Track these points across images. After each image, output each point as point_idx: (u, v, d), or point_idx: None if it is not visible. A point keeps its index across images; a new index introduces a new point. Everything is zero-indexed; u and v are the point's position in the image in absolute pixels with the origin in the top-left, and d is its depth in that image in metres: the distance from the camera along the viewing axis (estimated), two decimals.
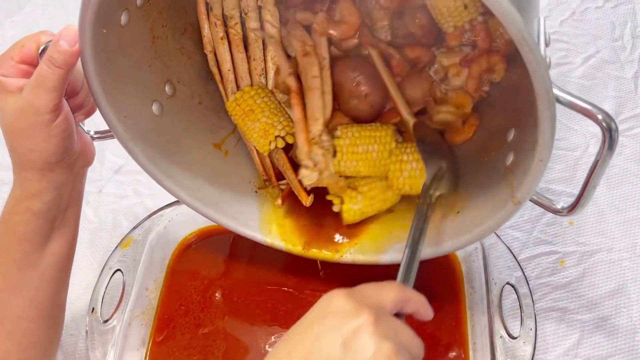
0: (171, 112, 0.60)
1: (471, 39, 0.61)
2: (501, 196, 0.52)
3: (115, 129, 0.54)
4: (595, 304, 0.70)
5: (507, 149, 0.54)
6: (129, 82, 0.54)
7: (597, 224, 0.76)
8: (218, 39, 0.64)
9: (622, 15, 0.97)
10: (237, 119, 0.64)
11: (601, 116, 0.43)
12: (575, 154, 0.82)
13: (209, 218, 0.63)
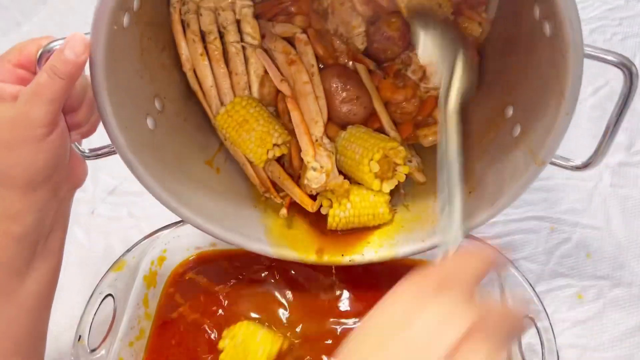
0: (163, 128, 0.58)
1: None
2: (519, 163, 0.53)
3: (117, 140, 0.51)
4: (616, 341, 0.66)
5: (511, 124, 0.56)
6: (127, 92, 0.52)
7: (616, 257, 0.73)
8: (197, 55, 0.62)
9: (630, 48, 0.96)
10: (229, 131, 0.62)
11: (627, 64, 0.48)
12: (589, 184, 0.80)
13: (214, 236, 0.60)
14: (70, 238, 0.78)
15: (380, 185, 0.61)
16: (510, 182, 0.54)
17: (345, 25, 0.65)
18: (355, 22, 0.65)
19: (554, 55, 0.47)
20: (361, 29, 0.65)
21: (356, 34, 0.65)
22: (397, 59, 0.67)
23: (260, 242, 0.62)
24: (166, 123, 0.59)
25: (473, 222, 0.57)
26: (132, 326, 0.65)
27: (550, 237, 0.75)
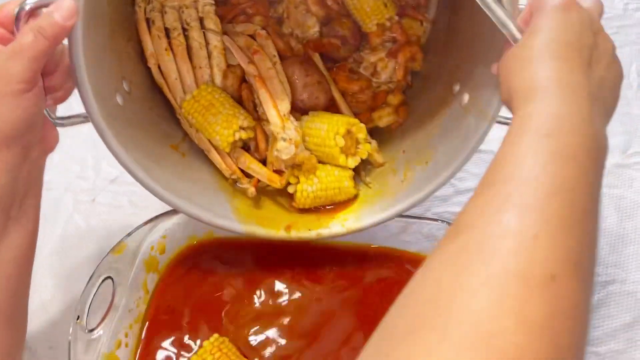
0: (130, 109, 0.60)
1: (390, 35, 0.72)
2: (471, 125, 0.59)
3: (91, 106, 0.52)
4: (610, 336, 0.67)
5: (459, 96, 0.62)
6: (100, 64, 0.54)
7: (610, 255, 0.74)
8: (162, 50, 0.65)
9: (627, 56, 0.98)
10: (195, 115, 0.64)
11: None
12: None
13: (183, 211, 0.62)
14: (70, 224, 0.80)
15: (346, 160, 0.64)
16: (464, 143, 0.59)
17: (301, 27, 0.71)
18: (310, 22, 0.71)
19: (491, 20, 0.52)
20: (316, 29, 0.71)
21: (312, 33, 0.71)
22: (350, 58, 0.74)
23: (229, 220, 0.63)
24: (133, 105, 0.61)
25: (436, 182, 0.62)
26: (131, 308, 0.65)
27: None
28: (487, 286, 0.31)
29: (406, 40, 0.72)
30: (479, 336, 0.29)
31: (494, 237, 0.34)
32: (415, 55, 0.73)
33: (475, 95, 0.60)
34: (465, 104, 0.61)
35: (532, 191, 0.35)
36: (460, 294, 0.32)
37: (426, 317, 0.32)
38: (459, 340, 0.30)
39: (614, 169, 0.82)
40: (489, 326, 0.30)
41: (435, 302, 0.33)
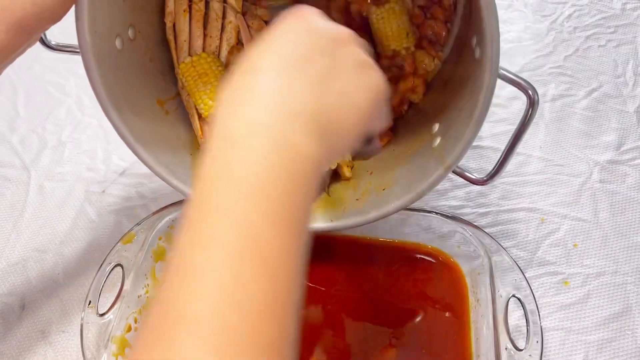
0: (128, 55, 0.62)
1: (400, 63, 0.73)
2: (431, 166, 0.60)
3: (84, 39, 0.54)
4: (600, 325, 0.69)
5: (433, 137, 0.63)
6: (107, 3, 0.56)
7: (602, 248, 0.76)
8: (181, 10, 0.69)
9: (624, 54, 1.00)
10: (188, 79, 0.67)
11: (530, 91, 0.53)
12: (579, 179, 0.83)
13: (148, 166, 0.63)
14: (81, 214, 0.83)
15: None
16: (417, 184, 0.61)
17: None
18: None
19: (477, 74, 0.54)
20: None
21: None
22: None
23: (185, 184, 0.64)
24: (132, 53, 0.64)
25: (381, 211, 0.63)
26: (139, 294, 0.68)
27: (540, 227, 0.78)
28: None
29: (412, 72, 0.73)
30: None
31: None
32: (417, 87, 0.74)
33: (444, 141, 0.61)
34: (435, 146, 0.62)
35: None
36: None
37: None
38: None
39: (608, 164, 0.84)
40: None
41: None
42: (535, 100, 0.53)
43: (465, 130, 0.55)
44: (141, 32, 0.65)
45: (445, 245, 0.72)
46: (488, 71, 0.51)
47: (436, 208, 0.79)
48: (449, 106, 0.64)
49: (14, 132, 0.92)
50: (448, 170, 0.58)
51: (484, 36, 0.50)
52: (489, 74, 0.51)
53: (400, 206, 0.62)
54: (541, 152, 0.87)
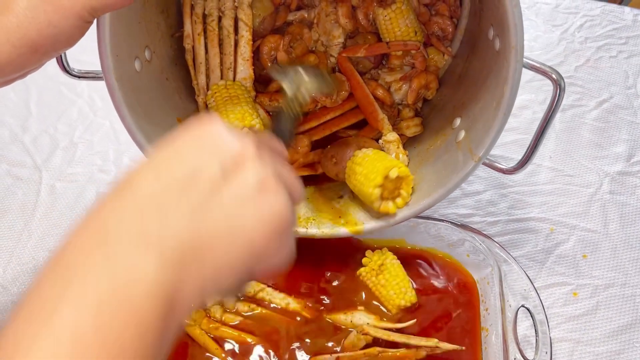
0: (147, 76, 0.64)
1: (410, 61, 0.75)
2: (459, 161, 0.61)
3: (107, 63, 0.55)
4: (609, 337, 0.69)
5: (456, 131, 0.65)
6: (125, 29, 0.57)
7: (611, 259, 0.76)
8: (196, 34, 0.72)
9: (635, 66, 1.00)
10: (218, 99, 0.70)
11: (555, 75, 0.54)
12: (589, 190, 0.83)
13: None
14: None
15: (380, 206, 0.64)
16: (449, 176, 0.62)
17: (327, 35, 0.75)
18: (336, 33, 0.74)
19: (499, 65, 0.55)
20: (340, 40, 0.75)
21: (335, 43, 0.75)
22: (367, 74, 0.77)
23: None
24: (150, 74, 0.65)
25: (413, 209, 0.64)
26: None
27: (549, 237, 0.78)
28: None
29: (424, 68, 0.75)
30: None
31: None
32: (430, 84, 0.75)
33: (469, 134, 0.62)
34: (459, 140, 0.64)
35: None
36: None
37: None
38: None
39: (618, 176, 0.84)
40: None
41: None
42: (562, 87, 0.54)
43: (493, 121, 0.56)
44: (156, 53, 0.67)
45: (454, 253, 0.72)
46: (514, 61, 0.52)
47: (445, 216, 0.79)
48: (470, 100, 0.65)
49: (26, 132, 0.92)
50: (479, 162, 0.59)
51: (507, 27, 0.51)
52: (514, 64, 0.52)
53: (432, 203, 0.63)
54: (551, 162, 0.87)
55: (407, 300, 0.67)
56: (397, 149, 0.70)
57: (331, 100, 0.75)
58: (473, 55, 0.69)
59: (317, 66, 0.74)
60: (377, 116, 0.72)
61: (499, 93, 0.55)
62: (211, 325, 0.67)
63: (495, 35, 0.57)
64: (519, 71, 0.53)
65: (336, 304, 0.69)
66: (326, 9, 0.74)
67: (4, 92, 0.98)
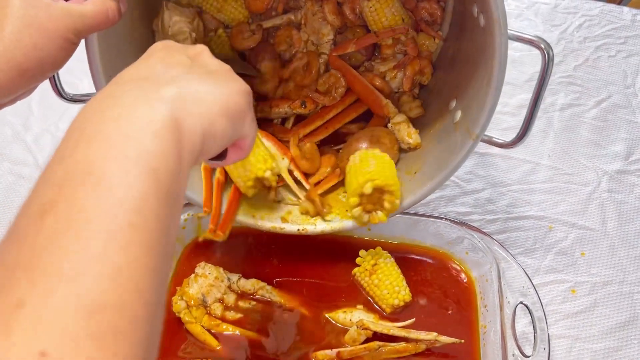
0: None
1: (402, 49, 0.76)
2: (458, 141, 0.62)
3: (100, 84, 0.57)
4: (606, 334, 0.70)
5: (453, 112, 0.65)
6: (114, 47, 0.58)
7: (609, 257, 0.76)
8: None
9: (633, 65, 1.00)
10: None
11: (543, 44, 0.55)
12: (587, 189, 0.84)
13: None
14: None
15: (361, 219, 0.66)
16: (449, 158, 0.62)
17: (316, 34, 0.76)
18: (325, 30, 0.75)
19: (486, 41, 0.55)
20: (330, 37, 0.75)
21: (325, 41, 0.76)
22: (361, 67, 0.78)
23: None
24: None
25: (417, 195, 0.65)
26: None
27: (547, 235, 0.79)
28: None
29: (416, 54, 0.75)
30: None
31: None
32: (424, 69, 0.76)
33: (466, 114, 0.63)
34: (457, 121, 0.64)
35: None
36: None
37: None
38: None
39: (616, 174, 0.85)
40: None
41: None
42: (550, 56, 0.55)
43: (486, 97, 0.57)
44: None
45: (453, 251, 0.73)
46: (498, 34, 0.53)
47: (445, 214, 0.80)
48: (463, 80, 0.65)
49: (28, 131, 0.93)
50: (477, 140, 0.60)
51: (487, 1, 0.52)
52: (499, 36, 0.53)
53: (435, 186, 0.64)
54: (550, 160, 0.87)
55: (401, 300, 0.68)
56: (408, 128, 0.71)
57: (329, 98, 0.75)
58: (462, 36, 0.70)
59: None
60: (380, 102, 0.73)
61: (489, 69, 0.55)
62: (212, 322, 0.67)
63: (479, 12, 0.58)
64: (504, 44, 0.53)
65: (335, 302, 0.70)
66: (312, 9, 0.75)
67: None
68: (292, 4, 0.77)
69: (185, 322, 0.68)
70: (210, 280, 0.69)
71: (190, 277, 0.70)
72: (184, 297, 0.69)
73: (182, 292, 0.69)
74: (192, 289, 0.69)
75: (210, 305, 0.69)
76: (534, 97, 0.58)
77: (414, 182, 0.67)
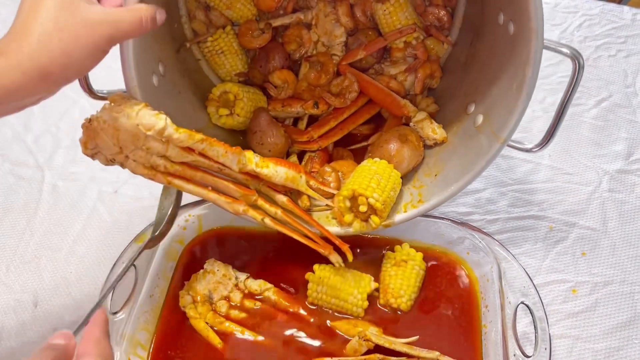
0: (164, 89, 0.65)
1: (412, 52, 0.76)
2: (484, 145, 0.62)
3: (132, 79, 0.57)
4: (608, 334, 0.70)
5: (473, 116, 0.66)
6: (142, 42, 0.58)
7: (610, 257, 0.76)
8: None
9: (634, 64, 1.00)
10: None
11: (574, 54, 0.57)
12: (588, 188, 0.83)
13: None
14: (94, 213, 0.83)
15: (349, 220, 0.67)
16: (475, 160, 0.63)
17: (328, 35, 0.76)
18: (338, 32, 0.76)
19: (516, 48, 0.57)
20: (342, 39, 0.76)
21: (337, 42, 0.76)
22: (371, 69, 0.79)
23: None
24: (166, 87, 0.66)
25: (442, 196, 0.66)
26: (152, 294, 0.69)
27: (548, 235, 0.79)
28: None
29: (426, 58, 0.76)
30: None
31: None
32: (434, 72, 0.77)
33: (489, 117, 0.63)
34: (479, 125, 0.65)
35: None
36: None
37: None
38: None
39: (617, 174, 0.85)
40: None
41: None
42: (581, 65, 0.57)
43: (516, 102, 0.58)
44: (167, 67, 0.67)
45: (454, 251, 0.73)
46: (534, 43, 0.54)
47: (446, 214, 0.80)
48: (483, 84, 0.66)
49: (29, 132, 0.93)
50: (504, 144, 0.61)
51: (527, 12, 0.53)
52: (535, 46, 0.54)
53: (461, 187, 0.65)
54: (550, 160, 0.87)
55: (398, 304, 0.68)
56: (431, 124, 0.72)
57: (340, 100, 0.75)
58: (478, 42, 0.70)
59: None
60: (399, 103, 0.74)
61: (519, 75, 0.56)
62: (216, 320, 0.68)
63: (507, 20, 0.58)
64: (539, 52, 0.54)
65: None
66: (324, 10, 0.75)
67: None
68: (301, 3, 0.77)
69: (190, 318, 0.68)
70: (218, 277, 0.70)
71: (199, 272, 0.71)
72: (191, 292, 0.69)
73: (190, 286, 0.70)
74: (200, 284, 0.69)
75: (216, 302, 0.69)
76: (562, 103, 0.60)
77: (436, 184, 0.68)
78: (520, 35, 0.55)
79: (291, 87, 0.76)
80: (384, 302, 0.69)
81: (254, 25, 0.75)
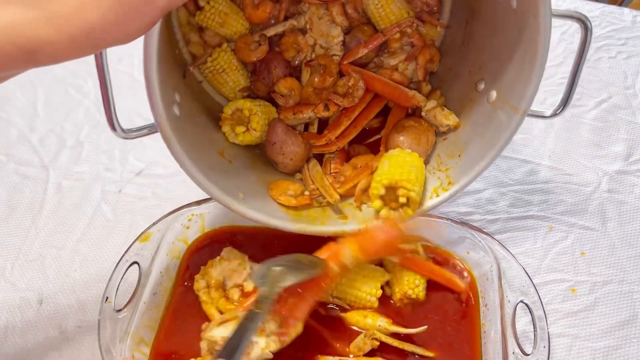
0: (184, 118, 0.65)
1: (408, 41, 0.77)
2: (502, 119, 0.63)
3: (160, 114, 0.57)
4: (606, 333, 0.70)
5: (484, 93, 0.68)
6: (164, 78, 0.58)
7: (609, 257, 0.77)
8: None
9: (634, 66, 1.01)
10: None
11: (582, 17, 0.58)
12: (588, 189, 0.84)
13: (242, 214, 0.66)
14: (98, 213, 0.84)
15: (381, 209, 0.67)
16: (498, 135, 0.64)
17: (325, 37, 0.77)
18: (335, 33, 0.76)
19: (523, 22, 0.58)
20: (340, 38, 0.77)
21: (335, 43, 0.77)
22: (371, 63, 0.80)
23: (282, 220, 0.68)
24: (185, 114, 0.66)
25: (470, 175, 0.67)
26: (155, 292, 0.70)
27: (548, 235, 0.79)
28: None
29: (423, 44, 0.77)
30: None
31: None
32: (433, 57, 0.78)
33: (503, 92, 0.65)
34: (493, 101, 0.66)
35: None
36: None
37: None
38: None
39: (617, 175, 0.86)
40: None
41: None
42: (589, 28, 0.59)
43: (531, 73, 0.59)
44: (181, 94, 0.67)
45: (455, 250, 0.73)
46: (543, 14, 0.55)
47: (446, 214, 0.80)
48: (490, 61, 0.68)
49: (34, 132, 0.94)
50: (524, 115, 0.62)
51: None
52: (544, 16, 0.55)
53: (488, 164, 0.66)
54: (550, 161, 0.88)
55: (415, 293, 0.68)
56: (443, 112, 0.73)
57: (349, 100, 0.76)
58: (475, 20, 0.72)
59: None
60: (407, 94, 0.75)
61: (531, 47, 0.57)
62: (227, 307, 0.68)
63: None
64: (549, 22, 0.56)
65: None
66: (317, 12, 0.76)
67: (12, 93, 0.99)
68: (292, 10, 0.77)
69: (202, 302, 0.69)
70: (234, 265, 0.71)
71: (216, 259, 0.72)
72: (206, 277, 0.71)
73: (205, 271, 0.71)
74: (215, 270, 0.71)
75: (229, 289, 0.70)
76: (574, 68, 0.62)
77: (462, 164, 0.69)
78: (526, 8, 0.56)
79: (297, 93, 0.77)
80: (401, 296, 0.69)
81: (249, 39, 0.75)
